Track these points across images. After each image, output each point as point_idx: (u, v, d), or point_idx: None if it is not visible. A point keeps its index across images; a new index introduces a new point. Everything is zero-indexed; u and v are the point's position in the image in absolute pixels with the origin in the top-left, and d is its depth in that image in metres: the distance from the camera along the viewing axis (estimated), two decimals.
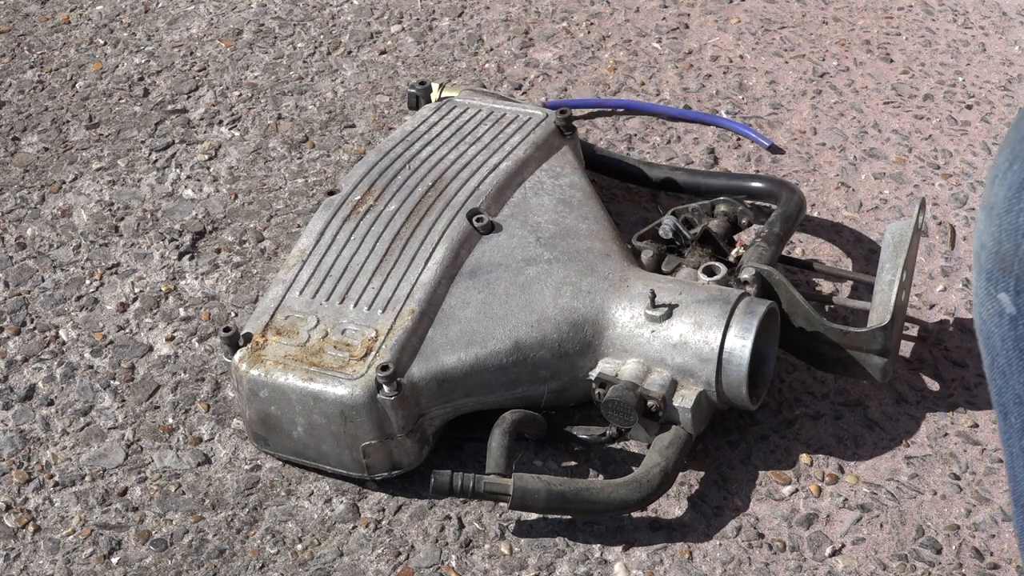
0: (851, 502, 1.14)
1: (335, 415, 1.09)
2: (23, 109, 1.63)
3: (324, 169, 1.53)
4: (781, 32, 1.76)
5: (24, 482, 1.17)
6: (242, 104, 1.63)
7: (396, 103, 1.63)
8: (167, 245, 1.42)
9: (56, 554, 1.11)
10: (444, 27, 1.78)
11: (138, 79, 1.68)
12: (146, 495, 1.16)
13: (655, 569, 1.09)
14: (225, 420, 1.22)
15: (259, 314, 1.16)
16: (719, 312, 1.12)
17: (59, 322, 1.33)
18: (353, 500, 1.15)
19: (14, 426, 1.22)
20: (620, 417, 1.11)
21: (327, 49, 1.74)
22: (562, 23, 1.78)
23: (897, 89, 1.65)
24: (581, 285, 1.17)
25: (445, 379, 1.11)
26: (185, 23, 1.79)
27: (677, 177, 1.43)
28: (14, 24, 1.79)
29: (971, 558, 1.10)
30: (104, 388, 1.26)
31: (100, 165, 1.53)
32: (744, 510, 1.14)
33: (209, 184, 1.51)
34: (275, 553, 1.10)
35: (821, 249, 1.40)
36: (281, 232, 1.44)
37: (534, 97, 1.63)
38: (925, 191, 1.48)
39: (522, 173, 1.28)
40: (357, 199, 1.24)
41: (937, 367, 1.27)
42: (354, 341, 1.12)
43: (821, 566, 1.09)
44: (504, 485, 1.07)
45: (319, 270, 1.18)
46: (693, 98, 1.64)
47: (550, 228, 1.22)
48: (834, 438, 1.20)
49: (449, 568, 1.09)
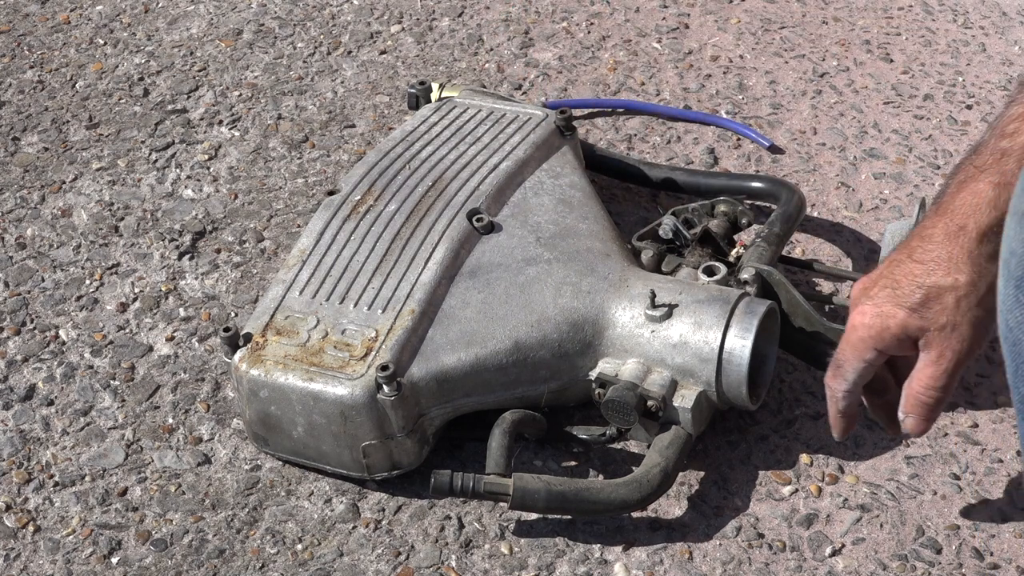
0: (851, 502, 1.14)
1: (335, 415, 1.09)
2: (23, 109, 1.63)
3: (324, 169, 1.53)
4: (781, 32, 1.76)
5: (24, 482, 1.17)
6: (242, 104, 1.63)
7: (396, 103, 1.63)
8: (167, 245, 1.42)
9: (56, 554, 1.11)
10: (444, 27, 1.78)
11: (138, 79, 1.68)
12: (146, 495, 1.16)
13: (655, 569, 1.09)
14: (225, 420, 1.22)
15: (259, 314, 1.16)
16: (719, 312, 1.12)
17: (59, 322, 1.33)
18: (353, 500, 1.15)
19: (14, 426, 1.22)
20: (620, 417, 1.11)
21: (327, 49, 1.74)
22: (562, 23, 1.78)
23: (897, 89, 1.65)
24: (581, 285, 1.17)
25: (445, 379, 1.11)
26: (185, 23, 1.79)
27: (677, 177, 1.43)
28: (14, 24, 1.79)
29: (971, 558, 1.10)
30: (104, 388, 1.26)
31: (100, 165, 1.53)
32: (744, 510, 1.14)
33: (209, 184, 1.51)
34: (275, 553, 1.11)
35: (821, 249, 1.41)
36: (281, 232, 1.44)
37: (534, 97, 1.63)
38: (925, 191, 1.48)
39: (522, 173, 1.28)
40: (357, 199, 1.24)
41: None
42: (354, 341, 1.12)
43: (821, 566, 1.09)
44: (504, 485, 1.07)
45: (319, 270, 1.18)
46: (693, 98, 1.64)
47: (550, 228, 1.22)
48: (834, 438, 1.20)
49: (449, 568, 1.09)
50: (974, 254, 0.93)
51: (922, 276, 0.95)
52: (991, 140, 0.91)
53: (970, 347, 0.96)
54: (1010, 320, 0.79)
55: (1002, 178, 0.90)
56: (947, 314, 0.95)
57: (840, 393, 1.04)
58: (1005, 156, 0.90)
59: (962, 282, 0.94)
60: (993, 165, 0.91)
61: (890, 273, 0.97)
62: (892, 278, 0.97)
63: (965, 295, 0.94)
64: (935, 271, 0.94)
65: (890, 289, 0.97)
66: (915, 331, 0.96)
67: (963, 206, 0.92)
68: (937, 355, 0.97)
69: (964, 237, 0.93)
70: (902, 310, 0.96)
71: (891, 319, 0.97)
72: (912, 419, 1.01)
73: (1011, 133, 0.90)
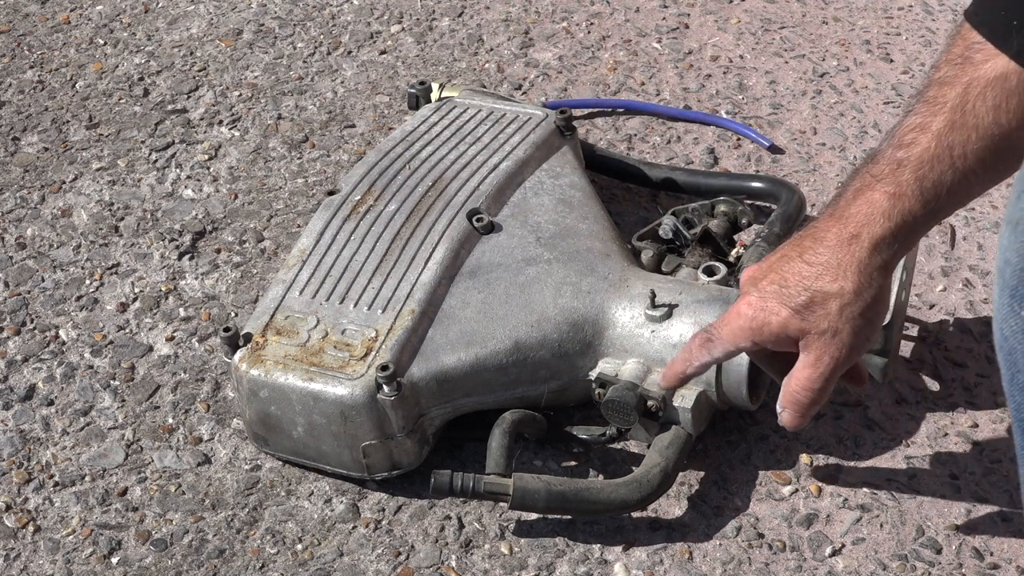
0: (851, 502, 1.14)
1: (335, 415, 1.09)
2: (23, 109, 1.63)
3: (324, 169, 1.53)
4: (781, 32, 1.76)
5: (24, 482, 1.17)
6: (242, 104, 1.63)
7: (396, 103, 1.63)
8: (167, 245, 1.42)
9: (56, 554, 1.11)
10: (444, 27, 1.78)
11: (138, 79, 1.68)
12: (146, 495, 1.16)
13: (655, 569, 1.09)
14: (225, 420, 1.22)
15: (259, 314, 1.16)
16: (719, 312, 1.12)
17: (59, 322, 1.33)
18: (353, 500, 1.15)
19: (14, 426, 1.22)
20: (620, 417, 1.11)
21: (327, 49, 1.74)
22: (562, 23, 1.78)
23: (897, 89, 1.65)
24: (581, 285, 1.17)
25: (445, 379, 1.11)
26: (185, 23, 1.79)
27: (677, 177, 1.43)
28: (14, 24, 1.79)
29: (971, 558, 1.10)
30: (104, 388, 1.26)
31: (100, 165, 1.53)
32: (744, 510, 1.14)
33: (209, 184, 1.51)
34: (275, 553, 1.11)
35: None
36: (281, 232, 1.44)
37: (534, 97, 1.63)
38: None
39: (522, 173, 1.28)
40: (357, 199, 1.24)
41: (937, 367, 1.27)
42: (354, 341, 1.12)
43: (821, 566, 1.09)
44: (504, 485, 1.07)
45: (319, 270, 1.18)
46: (693, 98, 1.64)
47: (550, 228, 1.22)
48: (834, 438, 1.20)
49: (449, 568, 1.09)
50: (864, 263, 0.94)
51: (810, 279, 0.95)
52: (888, 149, 0.92)
53: (848, 354, 0.97)
54: (1005, 330, 0.79)
55: (897, 188, 0.91)
56: (829, 320, 0.95)
57: (697, 363, 1.05)
58: (901, 167, 0.90)
59: (848, 290, 0.94)
60: (889, 175, 0.91)
61: (780, 268, 0.98)
62: (781, 274, 0.97)
63: (849, 303, 0.95)
64: (823, 275, 0.95)
65: (778, 286, 0.97)
66: (795, 332, 0.97)
67: (858, 214, 0.93)
68: (815, 359, 0.98)
69: (856, 246, 0.93)
70: (786, 309, 0.97)
71: (774, 316, 0.97)
72: (788, 414, 1.02)
73: (908, 143, 0.90)
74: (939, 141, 0.89)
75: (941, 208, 0.92)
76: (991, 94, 0.86)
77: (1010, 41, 0.85)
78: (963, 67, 0.87)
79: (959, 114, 0.88)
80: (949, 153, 0.89)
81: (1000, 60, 0.85)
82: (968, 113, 0.87)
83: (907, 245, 0.95)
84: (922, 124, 0.90)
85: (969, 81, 0.87)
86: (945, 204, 0.91)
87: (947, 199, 0.91)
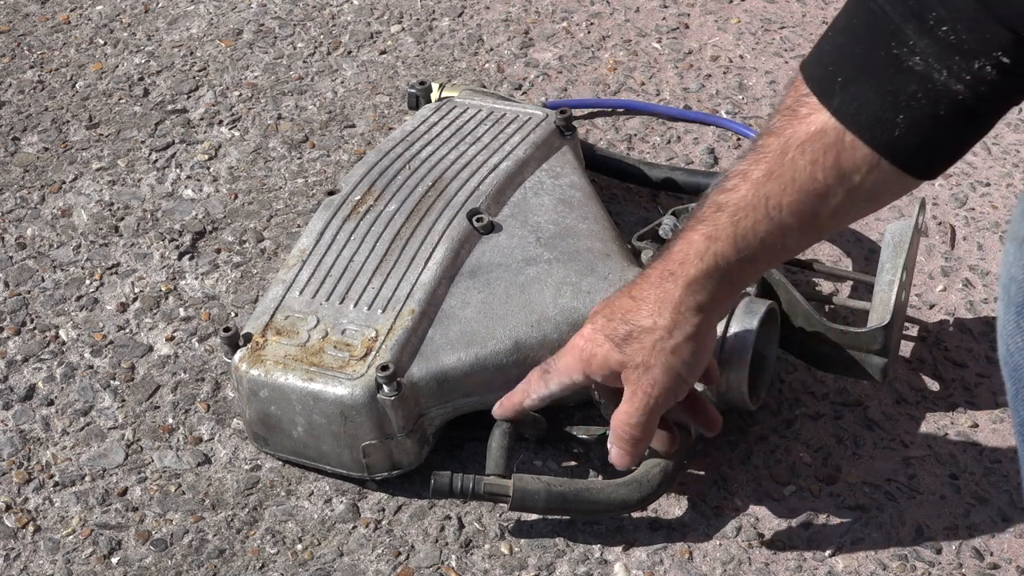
0: (851, 502, 1.14)
1: (335, 415, 1.09)
2: (23, 109, 1.63)
3: (324, 169, 1.53)
4: (781, 32, 1.76)
5: (24, 482, 1.17)
6: (242, 104, 1.63)
7: (396, 103, 1.63)
8: (167, 245, 1.42)
9: (56, 554, 1.11)
10: (444, 27, 1.78)
11: (138, 79, 1.68)
12: (146, 495, 1.16)
13: (655, 569, 1.09)
14: (225, 420, 1.22)
15: (259, 314, 1.16)
16: None
17: (59, 322, 1.33)
18: (353, 500, 1.15)
19: (14, 426, 1.22)
20: None
21: (327, 49, 1.74)
22: (562, 23, 1.78)
23: None
24: (581, 285, 1.17)
25: (445, 379, 1.11)
26: (185, 23, 1.79)
27: (677, 177, 1.43)
28: (14, 24, 1.79)
29: (971, 558, 1.10)
30: (104, 388, 1.26)
31: (100, 165, 1.53)
32: (744, 510, 1.14)
33: (209, 184, 1.51)
34: (275, 553, 1.11)
35: (821, 249, 1.41)
36: (281, 232, 1.44)
37: (534, 97, 1.63)
38: (925, 191, 1.48)
39: (522, 173, 1.28)
40: (357, 199, 1.24)
41: (937, 367, 1.27)
42: (354, 341, 1.12)
43: (821, 566, 1.09)
44: (504, 486, 1.07)
45: (319, 270, 1.18)
46: (693, 98, 1.64)
47: (550, 228, 1.22)
48: (834, 438, 1.20)
49: (449, 568, 1.09)
50: (677, 302, 0.95)
51: (631, 313, 0.97)
52: (713, 193, 0.93)
53: (661, 392, 0.99)
54: (1011, 345, 0.79)
55: (714, 231, 0.92)
56: (643, 354, 0.97)
57: (535, 395, 1.07)
58: (720, 210, 0.91)
59: (660, 325, 0.96)
60: (709, 217, 0.92)
61: (612, 302, 1.00)
62: (611, 307, 1.00)
63: (660, 339, 0.96)
64: (641, 310, 0.97)
65: (605, 319, 0.99)
66: (616, 365, 0.99)
67: (678, 253, 0.94)
68: (631, 393, 0.99)
69: (672, 283, 0.95)
70: (608, 342, 0.99)
71: (599, 348, 0.99)
72: (615, 449, 1.04)
73: (730, 188, 0.91)
74: (756, 190, 0.89)
75: (756, 257, 0.92)
76: (810, 148, 0.86)
77: (833, 97, 0.85)
78: (790, 119, 0.87)
79: (778, 165, 0.88)
80: (765, 203, 0.89)
81: (822, 115, 0.85)
82: (787, 165, 0.87)
83: (726, 291, 0.96)
84: (745, 171, 0.90)
85: (792, 133, 0.87)
86: (759, 253, 0.92)
87: (760, 248, 0.91)
